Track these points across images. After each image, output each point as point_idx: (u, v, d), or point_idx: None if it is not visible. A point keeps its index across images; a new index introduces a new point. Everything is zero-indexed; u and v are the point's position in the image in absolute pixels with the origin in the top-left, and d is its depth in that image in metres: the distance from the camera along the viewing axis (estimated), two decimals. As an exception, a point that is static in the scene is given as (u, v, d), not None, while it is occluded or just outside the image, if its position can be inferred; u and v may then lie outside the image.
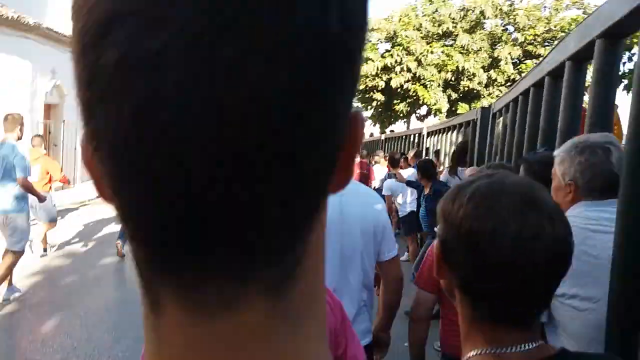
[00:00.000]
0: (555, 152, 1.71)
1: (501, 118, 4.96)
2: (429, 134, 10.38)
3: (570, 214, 1.56)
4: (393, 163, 7.20)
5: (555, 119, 2.80)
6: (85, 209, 11.57)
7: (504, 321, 0.75)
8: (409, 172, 6.61)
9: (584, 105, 2.53)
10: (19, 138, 5.25)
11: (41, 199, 5.60)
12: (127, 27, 0.22)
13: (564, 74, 2.45)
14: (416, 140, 11.53)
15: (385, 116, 18.69)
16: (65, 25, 15.90)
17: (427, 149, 9.80)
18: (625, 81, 9.44)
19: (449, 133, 8.39)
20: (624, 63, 8.94)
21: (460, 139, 7.31)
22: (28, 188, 4.97)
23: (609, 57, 1.94)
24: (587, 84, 2.46)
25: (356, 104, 9.12)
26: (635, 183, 1.44)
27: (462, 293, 0.78)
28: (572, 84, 2.40)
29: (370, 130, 21.78)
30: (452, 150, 7.02)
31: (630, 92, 1.58)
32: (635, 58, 7.83)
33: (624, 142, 1.77)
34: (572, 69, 2.37)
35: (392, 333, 2.21)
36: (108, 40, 0.22)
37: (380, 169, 9.06)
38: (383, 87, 16.35)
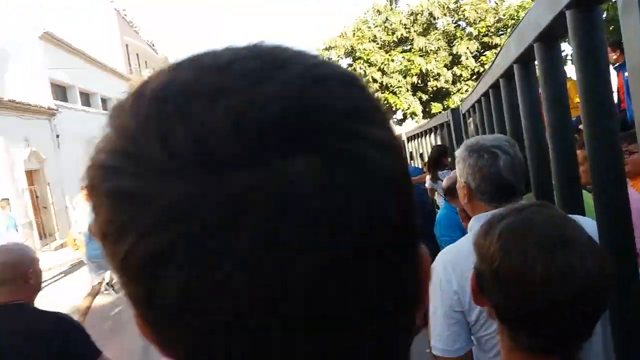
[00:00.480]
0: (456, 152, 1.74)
1: (471, 118, 5.23)
2: (409, 139, 10.61)
3: (469, 232, 1.65)
4: None
5: (517, 116, 3.04)
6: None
7: (539, 351, 0.77)
8: None
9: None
10: None
11: None
12: (188, 255, 0.23)
13: (514, 76, 2.70)
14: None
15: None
16: (27, 94, 16.00)
17: (411, 153, 10.04)
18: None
19: (427, 136, 8.62)
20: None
21: (439, 141, 7.55)
22: None
23: (548, 59, 2.16)
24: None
25: None
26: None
27: (500, 322, 0.81)
28: (522, 85, 2.63)
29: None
30: (428, 157, 7.28)
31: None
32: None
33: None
34: (520, 71, 2.62)
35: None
36: (169, 267, 0.24)
37: None
38: (352, 100, 16.67)
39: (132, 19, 33.20)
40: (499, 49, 14.96)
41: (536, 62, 2.33)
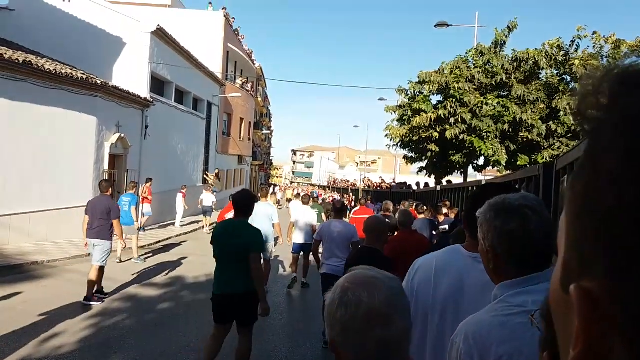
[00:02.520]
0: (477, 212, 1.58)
1: (566, 176, 4.77)
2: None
3: (494, 302, 1.47)
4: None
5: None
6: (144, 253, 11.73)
7: None
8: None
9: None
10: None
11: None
12: None
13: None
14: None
15: (441, 167, 18.42)
16: (128, 83, 16.97)
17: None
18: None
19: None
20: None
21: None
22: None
23: None
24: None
25: (410, 154, 9.20)
26: None
27: None
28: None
29: (425, 180, 21.56)
30: None
31: None
32: None
33: None
34: None
35: None
36: None
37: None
38: (437, 138, 16.18)
39: (238, 28, 34.60)
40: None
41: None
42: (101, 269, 7.91)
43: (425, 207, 10.70)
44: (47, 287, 8.67)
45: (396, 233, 6.38)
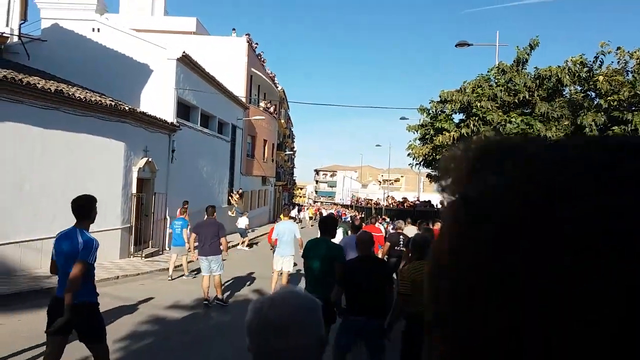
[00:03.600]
0: None
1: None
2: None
3: None
4: None
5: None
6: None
7: None
8: None
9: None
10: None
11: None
12: None
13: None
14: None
15: (464, 186, 18.31)
16: (155, 108, 17.41)
17: None
18: None
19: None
20: None
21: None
22: None
23: None
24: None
25: (433, 172, 9.31)
26: None
27: None
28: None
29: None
30: None
31: None
32: None
33: None
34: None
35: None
36: None
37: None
38: (460, 157, 16.13)
39: (261, 53, 35.20)
40: (638, 134, 13.70)
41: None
42: (220, 277, 9.76)
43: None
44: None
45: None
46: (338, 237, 10.51)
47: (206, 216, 10.20)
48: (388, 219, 22.47)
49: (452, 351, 0.38)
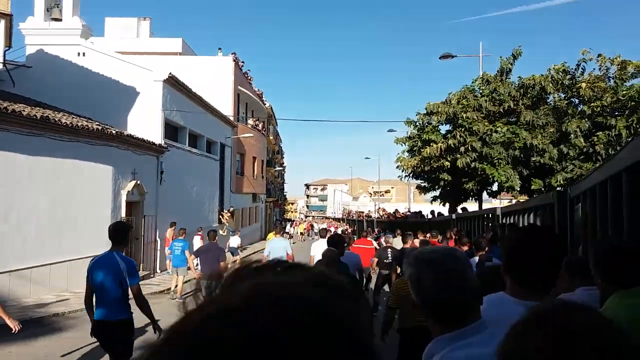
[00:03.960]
0: None
1: (579, 204, 4.81)
2: (504, 215, 10.18)
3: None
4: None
5: (637, 211, 2.69)
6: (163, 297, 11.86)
7: None
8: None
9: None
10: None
11: None
12: None
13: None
14: (490, 220, 11.25)
15: (454, 195, 18.42)
16: (143, 130, 17.37)
17: (503, 224, 9.61)
18: None
19: (526, 215, 8.19)
20: None
21: (538, 222, 7.12)
22: None
23: None
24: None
25: (423, 184, 9.45)
26: None
27: None
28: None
29: (439, 209, 21.46)
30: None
31: None
32: None
33: None
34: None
35: None
36: None
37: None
38: (449, 167, 16.24)
39: (247, 71, 35.34)
40: (622, 138, 13.85)
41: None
42: None
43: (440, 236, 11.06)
44: (69, 339, 8.73)
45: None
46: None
47: (208, 240, 10.55)
48: (376, 234, 22.48)
49: None
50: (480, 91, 16.57)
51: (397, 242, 11.67)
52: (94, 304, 5.06)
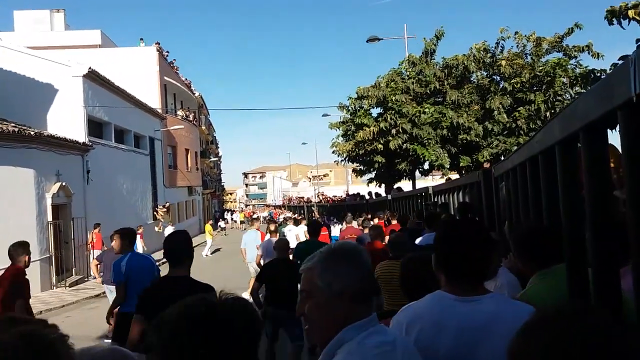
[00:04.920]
0: None
1: (503, 183, 5.04)
2: (436, 193, 10.56)
3: (347, 344, 1.47)
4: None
5: (554, 191, 2.82)
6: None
7: None
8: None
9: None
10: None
11: None
12: None
13: (555, 156, 2.51)
14: (423, 199, 11.59)
15: (389, 176, 18.84)
16: (64, 129, 16.47)
17: (436, 203, 9.96)
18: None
19: (455, 193, 8.55)
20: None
21: (467, 199, 7.43)
22: None
23: (594, 148, 1.99)
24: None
25: (359, 167, 9.70)
26: None
27: None
28: (563, 166, 2.44)
29: (376, 190, 21.88)
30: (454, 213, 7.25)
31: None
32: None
33: None
34: (561, 152, 2.43)
35: None
36: None
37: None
38: (382, 149, 16.55)
39: (173, 60, 34.26)
40: (541, 112, 14.47)
41: (579, 145, 2.20)
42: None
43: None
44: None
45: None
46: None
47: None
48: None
49: None
50: (407, 73, 16.91)
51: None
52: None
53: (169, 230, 19.88)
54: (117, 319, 5.33)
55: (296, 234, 13.12)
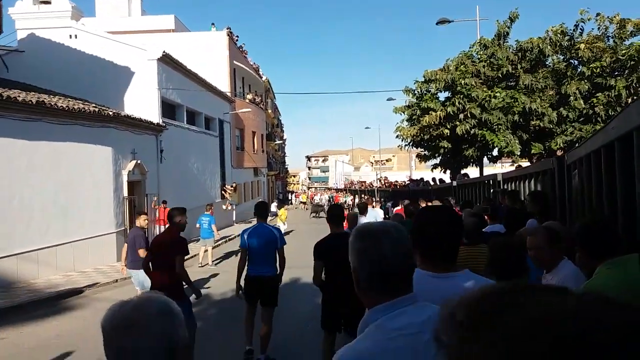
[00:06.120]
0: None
1: (576, 171, 4.84)
2: (505, 181, 10.22)
3: (369, 327, 1.47)
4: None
5: (629, 179, 2.71)
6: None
7: None
8: None
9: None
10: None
11: None
12: None
13: (633, 141, 2.41)
14: (491, 186, 11.28)
15: (454, 162, 18.42)
16: (140, 110, 17.30)
17: (505, 190, 9.66)
18: None
19: (526, 181, 8.24)
20: None
21: (539, 187, 7.16)
22: None
23: None
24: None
25: (423, 152, 9.54)
26: None
27: None
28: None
29: (440, 176, 21.48)
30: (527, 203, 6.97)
31: None
32: None
33: None
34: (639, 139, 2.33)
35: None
36: None
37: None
38: (448, 134, 16.20)
39: (242, 44, 34.91)
40: (621, 99, 13.66)
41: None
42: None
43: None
44: (78, 318, 8.89)
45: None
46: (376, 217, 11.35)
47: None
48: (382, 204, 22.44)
49: None
50: (478, 56, 16.38)
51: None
52: (247, 264, 6.21)
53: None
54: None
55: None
